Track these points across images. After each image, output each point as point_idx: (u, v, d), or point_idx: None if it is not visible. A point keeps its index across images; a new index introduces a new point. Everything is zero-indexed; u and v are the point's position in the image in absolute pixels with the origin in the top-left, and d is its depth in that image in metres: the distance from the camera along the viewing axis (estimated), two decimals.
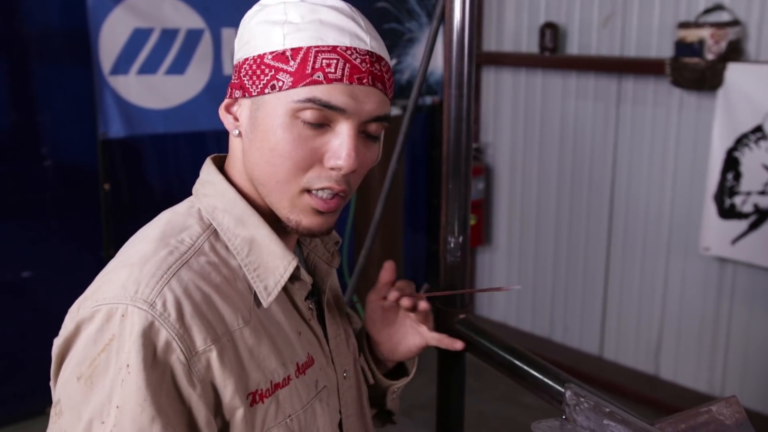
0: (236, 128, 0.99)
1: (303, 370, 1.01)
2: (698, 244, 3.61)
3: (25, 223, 3.33)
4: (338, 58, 0.92)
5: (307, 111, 0.92)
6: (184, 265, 0.92)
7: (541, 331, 4.45)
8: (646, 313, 3.95)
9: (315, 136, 0.93)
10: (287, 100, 0.92)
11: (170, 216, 1.00)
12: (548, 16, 4.13)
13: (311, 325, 1.06)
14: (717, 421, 0.97)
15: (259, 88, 0.94)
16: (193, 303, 0.89)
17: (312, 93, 0.91)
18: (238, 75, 0.97)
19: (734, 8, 3.37)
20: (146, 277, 0.89)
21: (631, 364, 4.04)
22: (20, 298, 3.30)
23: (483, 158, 4.54)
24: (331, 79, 0.91)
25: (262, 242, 0.98)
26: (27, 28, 3.20)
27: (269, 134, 0.93)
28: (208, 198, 1.00)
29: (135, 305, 0.86)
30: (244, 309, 0.95)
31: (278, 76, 0.92)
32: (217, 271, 0.94)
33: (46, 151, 3.30)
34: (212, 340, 0.89)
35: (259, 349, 0.95)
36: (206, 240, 0.96)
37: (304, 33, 0.92)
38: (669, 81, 3.52)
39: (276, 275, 0.98)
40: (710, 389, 3.76)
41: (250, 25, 0.97)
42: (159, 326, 0.86)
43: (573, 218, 4.18)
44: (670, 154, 3.72)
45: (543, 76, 4.20)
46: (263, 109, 0.94)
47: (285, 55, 0.92)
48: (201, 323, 0.89)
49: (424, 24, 4.37)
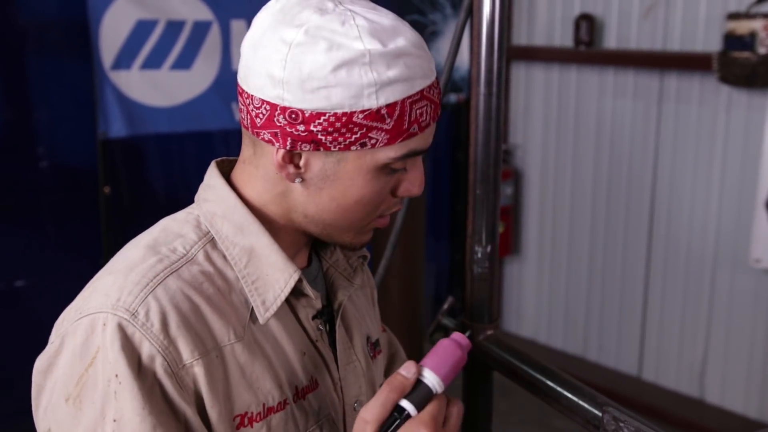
0: (298, 177, 0.96)
1: (303, 394, 0.99)
2: (748, 255, 3.59)
3: (19, 228, 3.35)
4: (427, 104, 0.94)
5: (399, 162, 0.95)
6: (174, 273, 0.92)
7: (573, 348, 4.44)
8: (690, 330, 3.92)
9: (393, 176, 0.98)
10: (382, 156, 0.94)
11: (167, 223, 1.00)
12: (584, 6, 4.12)
13: (319, 347, 1.04)
14: None
15: (343, 144, 0.92)
16: (179, 313, 0.89)
17: (409, 147, 0.94)
18: (305, 126, 0.91)
19: None
20: (130, 285, 0.89)
21: (673, 386, 4.02)
22: (13, 309, 3.32)
23: (512, 161, 4.54)
24: (424, 127, 0.95)
25: (262, 252, 0.97)
26: (22, 20, 3.23)
27: (353, 188, 0.95)
28: (208, 203, 1.00)
29: (116, 314, 0.87)
30: (237, 323, 0.94)
31: (371, 134, 0.92)
32: (210, 282, 0.94)
33: (42, 152, 3.32)
34: (200, 354, 0.89)
35: (251, 368, 0.94)
36: (201, 249, 0.96)
37: (396, 85, 0.91)
38: (716, 77, 3.51)
39: (276, 289, 0.97)
40: (761, 415, 3.73)
41: (315, 66, 0.89)
42: (141, 337, 0.86)
43: (609, 226, 4.16)
44: (717, 157, 3.70)
45: (578, 72, 4.20)
46: (346, 164, 0.94)
47: (380, 114, 0.91)
48: (188, 335, 0.88)
49: (448, 16, 4.38)
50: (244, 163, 1.01)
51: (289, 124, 0.91)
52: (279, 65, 0.90)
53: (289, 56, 0.89)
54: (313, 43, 0.89)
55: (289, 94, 0.90)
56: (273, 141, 0.93)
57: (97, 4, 3.13)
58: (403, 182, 1.00)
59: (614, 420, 0.96)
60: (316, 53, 0.88)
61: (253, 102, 0.94)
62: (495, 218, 1.38)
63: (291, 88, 0.90)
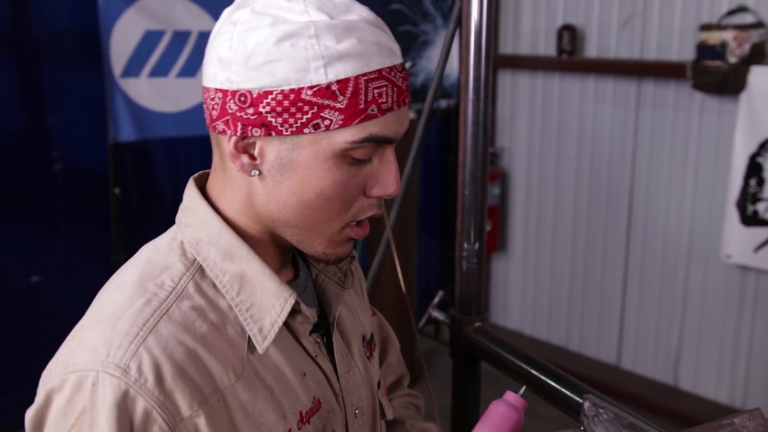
0: (255, 169, 0.86)
1: (307, 419, 0.90)
2: (719, 251, 3.59)
3: (35, 227, 3.35)
4: (387, 84, 0.83)
5: (360, 149, 0.84)
6: (164, 315, 0.81)
7: (557, 339, 4.44)
8: (666, 322, 3.93)
9: (360, 170, 0.86)
10: (339, 140, 0.82)
11: (150, 253, 0.89)
12: (566, 17, 4.12)
13: (318, 362, 0.95)
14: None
15: (295, 127, 0.82)
16: (174, 363, 0.79)
17: (368, 130, 0.83)
18: (254, 109, 0.82)
19: (758, 10, 3.36)
20: (119, 337, 0.79)
21: (650, 374, 4.03)
22: (29, 303, 3.32)
23: (499, 163, 4.54)
24: (384, 110, 0.84)
25: (254, 278, 0.87)
26: (37, 30, 3.22)
27: (311, 178, 0.84)
28: (191, 229, 0.89)
29: (106, 371, 0.77)
30: (235, 359, 0.84)
31: (323, 114, 0.81)
32: (203, 318, 0.84)
33: (55, 155, 3.32)
34: (199, 404, 0.80)
35: (254, 405, 0.85)
36: (190, 279, 0.86)
37: (348, 60, 0.81)
38: (690, 85, 3.51)
39: (272, 315, 0.87)
40: (731, 401, 3.74)
41: (258, 40, 0.81)
42: (135, 394, 0.76)
43: (590, 225, 4.17)
44: (691, 159, 3.71)
45: (560, 80, 4.20)
46: (301, 150, 0.83)
47: (331, 90, 0.80)
48: (185, 385, 0.79)
49: (439, 26, 4.38)
50: (216, 171, 0.92)
51: (239, 108, 0.83)
52: (226, 46, 0.83)
53: (234, 35, 0.82)
54: (259, 19, 0.81)
55: (236, 75, 0.82)
56: (226, 129, 0.85)
57: (107, 15, 3.12)
58: (375, 180, 0.88)
59: (594, 406, 0.96)
60: (261, 28, 0.81)
61: (209, 94, 0.86)
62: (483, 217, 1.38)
63: (237, 68, 0.82)
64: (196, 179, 0.94)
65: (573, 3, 4.09)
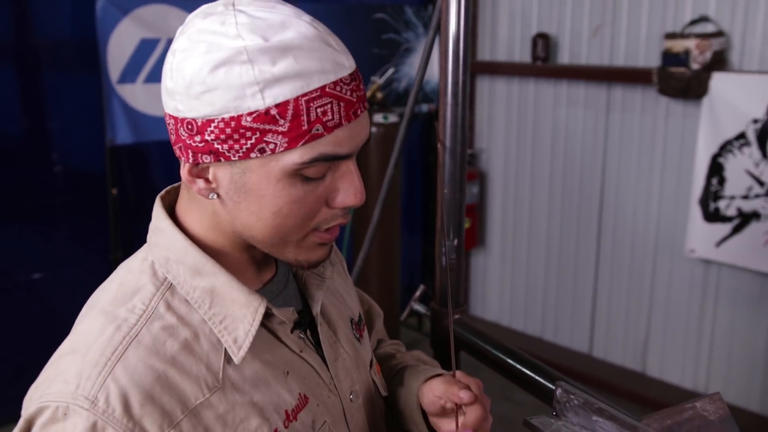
0: (212, 192, 0.82)
1: (294, 416, 0.87)
2: (684, 246, 3.61)
3: (36, 226, 3.32)
4: (331, 101, 0.77)
5: (311, 168, 0.79)
6: (133, 341, 0.78)
7: (533, 330, 4.45)
8: (634, 313, 3.95)
9: (318, 185, 0.82)
10: (287, 162, 0.78)
11: (123, 276, 0.86)
12: (540, 26, 4.13)
13: (304, 357, 0.91)
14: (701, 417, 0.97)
15: (241, 153, 0.77)
16: (142, 390, 0.76)
17: (317, 150, 0.78)
18: (201, 137, 0.78)
19: (719, 20, 3.38)
20: (88, 368, 0.76)
21: (620, 362, 4.05)
22: (31, 299, 3.30)
23: (477, 163, 4.54)
24: (331, 127, 0.78)
25: (223, 291, 0.84)
26: (38, 39, 3.20)
27: (267, 198, 0.80)
28: (160, 249, 0.86)
29: (76, 404, 0.75)
30: (209, 374, 0.81)
31: (267, 138, 0.76)
32: (174, 337, 0.81)
33: (56, 157, 3.30)
34: (169, 425, 0.77)
35: (233, 414, 0.81)
36: (161, 299, 0.83)
37: (285, 83, 0.75)
38: (656, 90, 3.53)
39: (245, 325, 0.83)
40: (695, 386, 3.76)
41: (194, 70, 0.76)
42: (104, 424, 0.74)
43: (564, 221, 4.18)
44: (657, 160, 3.73)
45: (535, 85, 4.21)
46: (251, 174, 0.79)
47: (270, 115, 0.75)
48: (154, 410, 0.76)
49: (420, 34, 4.37)
50: (183, 188, 0.88)
51: (189, 135, 0.79)
52: (168, 75, 0.79)
53: (174, 64, 0.78)
54: (194, 47, 0.77)
55: (180, 104, 0.78)
56: (181, 155, 0.81)
57: (105, 25, 3.10)
58: (337, 192, 0.83)
59: (566, 393, 0.96)
60: (195, 57, 0.76)
61: (166, 119, 0.83)
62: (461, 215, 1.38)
63: (180, 98, 0.78)
64: (164, 197, 0.91)
65: (546, 12, 4.10)
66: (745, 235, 3.35)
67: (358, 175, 0.84)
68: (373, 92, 4.06)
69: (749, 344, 3.54)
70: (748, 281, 3.48)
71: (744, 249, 3.36)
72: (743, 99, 3.25)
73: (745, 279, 3.49)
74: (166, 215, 0.87)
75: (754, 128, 3.24)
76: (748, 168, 3.29)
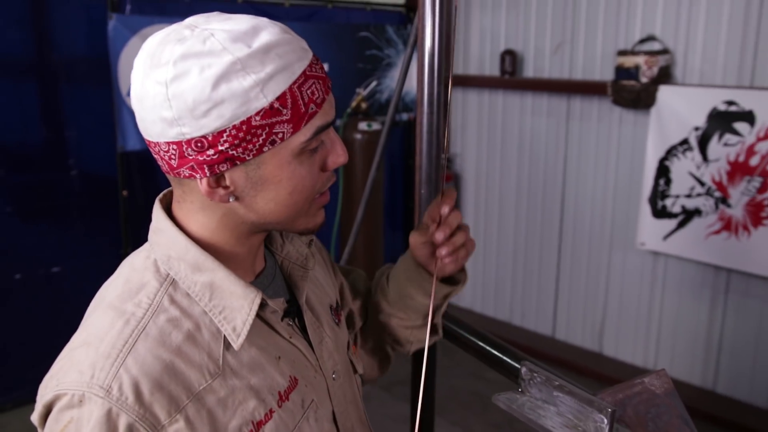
0: (231, 195, 0.81)
1: (286, 396, 0.88)
2: (635, 240, 3.63)
3: (55, 225, 3.30)
4: (314, 81, 0.80)
5: (313, 142, 0.81)
6: (141, 334, 0.78)
7: (502, 315, 4.46)
8: (592, 299, 3.97)
9: (316, 155, 0.84)
10: (294, 144, 0.79)
11: (128, 274, 0.85)
12: (507, 44, 4.14)
13: (293, 342, 0.92)
14: (649, 391, 0.98)
15: (254, 150, 0.78)
16: (151, 379, 0.76)
17: (314, 126, 0.80)
18: (214, 149, 0.77)
19: (664, 39, 3.40)
20: (101, 360, 0.76)
21: (579, 343, 4.06)
22: (50, 290, 3.27)
23: (452, 167, 4.54)
24: (320, 103, 0.80)
25: (222, 284, 0.83)
26: (56, 56, 3.18)
27: (283, 182, 0.81)
28: (161, 247, 0.85)
29: (92, 392, 0.75)
30: (210, 361, 0.81)
31: (275, 130, 0.77)
32: (178, 328, 0.80)
33: (72, 163, 3.27)
34: (176, 410, 0.77)
35: (233, 397, 0.82)
36: (165, 294, 0.82)
37: (277, 77, 0.76)
38: (610, 101, 3.54)
39: (243, 314, 0.83)
40: (645, 363, 3.79)
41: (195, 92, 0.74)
42: (118, 411, 0.74)
43: (529, 218, 4.19)
44: (612, 163, 3.74)
45: (503, 96, 4.22)
46: (266, 166, 0.80)
47: (275, 108, 0.76)
48: (162, 397, 0.76)
49: (400, 51, 4.37)
50: (179, 202, 0.87)
51: (199, 153, 0.77)
52: (165, 106, 0.76)
53: (169, 94, 0.75)
54: (185, 72, 0.74)
55: (186, 128, 0.76)
56: (193, 174, 0.79)
57: (116, 43, 3.08)
58: (328, 155, 0.85)
59: (530, 371, 0.96)
60: (192, 79, 0.74)
61: (162, 147, 0.79)
62: None
63: (186, 122, 0.76)
64: (161, 199, 0.90)
65: (513, 31, 4.11)
66: (688, 230, 3.38)
67: (339, 138, 0.87)
68: (358, 103, 4.05)
69: (692, 326, 3.56)
70: (691, 270, 3.51)
71: (687, 242, 3.39)
72: (686, 109, 3.28)
73: (689, 268, 3.51)
74: (165, 216, 0.86)
75: (696, 135, 3.26)
76: (690, 170, 3.31)
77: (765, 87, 3.11)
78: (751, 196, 3.15)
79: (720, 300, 3.44)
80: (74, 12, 3.17)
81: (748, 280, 3.32)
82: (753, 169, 3.12)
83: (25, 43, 3.10)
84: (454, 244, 0.98)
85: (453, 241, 0.98)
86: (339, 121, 4.03)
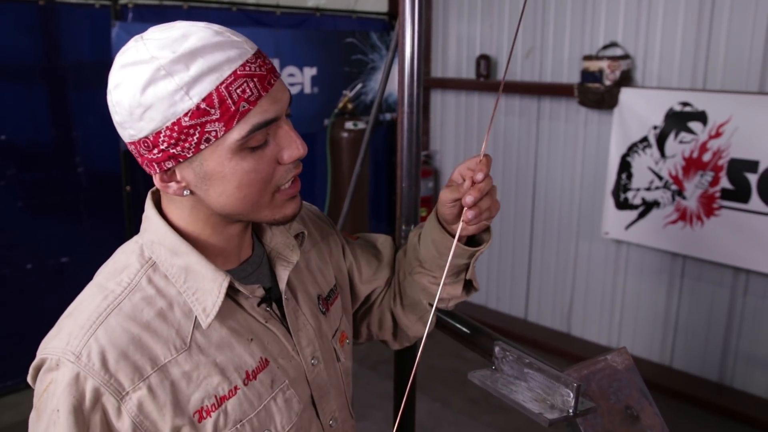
0: (184, 189, 0.82)
1: (254, 375, 0.87)
2: (600, 229, 3.65)
3: (63, 218, 3.27)
4: (246, 80, 0.77)
5: (252, 138, 0.79)
6: (115, 309, 0.80)
7: (479, 300, 4.48)
8: (561, 284, 3.99)
9: (264, 150, 0.81)
10: (229, 142, 0.78)
11: (119, 255, 0.88)
12: (482, 49, 4.14)
13: (269, 327, 0.91)
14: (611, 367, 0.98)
15: (192, 148, 0.77)
16: (117, 349, 0.78)
17: (249, 123, 0.77)
18: (157, 149, 0.78)
19: (625, 45, 3.41)
20: (77, 329, 0.79)
21: (549, 324, 4.09)
22: (59, 279, 3.25)
23: (432, 163, 4.54)
24: (253, 101, 0.77)
25: (195, 268, 0.84)
26: (64, 61, 3.14)
27: (227, 177, 0.80)
28: (147, 233, 0.87)
29: (65, 357, 0.78)
30: (178, 337, 0.82)
31: (207, 129, 0.76)
32: (150, 306, 0.82)
33: (79, 160, 3.24)
34: (140, 379, 0.78)
35: (197, 372, 0.82)
36: (143, 275, 0.83)
37: (203, 79, 0.75)
38: (577, 102, 3.55)
39: (212, 296, 0.83)
40: (609, 342, 3.82)
41: (128, 98, 0.76)
42: (85, 375, 0.76)
43: (503, 210, 4.20)
44: (578, 159, 3.76)
45: (479, 98, 4.22)
46: (208, 162, 0.79)
47: (202, 109, 0.75)
48: (127, 366, 0.78)
49: (384, 56, 4.35)
50: (162, 194, 0.89)
51: (148, 151, 0.79)
52: (114, 112, 0.79)
53: (112, 101, 0.79)
54: (121, 80, 0.77)
55: (131, 130, 0.78)
56: (149, 170, 0.82)
57: (119, 49, 3.01)
58: (283, 149, 0.82)
59: (503, 350, 0.96)
60: (125, 86, 0.76)
61: (129, 147, 0.82)
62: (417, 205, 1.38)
63: (129, 125, 0.78)
64: (154, 192, 0.90)
65: (488, 37, 4.10)
66: (648, 220, 3.40)
67: (294, 131, 0.84)
68: (345, 103, 4.04)
69: (651, 308, 3.60)
70: (650, 257, 3.54)
71: (647, 231, 3.42)
72: (645, 109, 3.29)
73: (649, 255, 3.54)
74: (153, 206, 0.88)
75: (654, 133, 3.28)
76: (650, 165, 3.34)
77: (716, 90, 3.14)
78: (703, 189, 3.17)
79: (676, 284, 3.47)
80: (80, 20, 3.13)
81: (701, 265, 3.35)
82: (705, 164, 3.15)
83: (35, 50, 3.06)
84: (480, 208, 0.94)
85: (480, 205, 0.93)
86: (327, 121, 4.02)
